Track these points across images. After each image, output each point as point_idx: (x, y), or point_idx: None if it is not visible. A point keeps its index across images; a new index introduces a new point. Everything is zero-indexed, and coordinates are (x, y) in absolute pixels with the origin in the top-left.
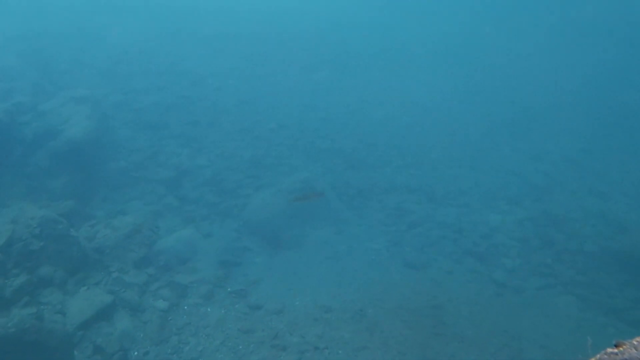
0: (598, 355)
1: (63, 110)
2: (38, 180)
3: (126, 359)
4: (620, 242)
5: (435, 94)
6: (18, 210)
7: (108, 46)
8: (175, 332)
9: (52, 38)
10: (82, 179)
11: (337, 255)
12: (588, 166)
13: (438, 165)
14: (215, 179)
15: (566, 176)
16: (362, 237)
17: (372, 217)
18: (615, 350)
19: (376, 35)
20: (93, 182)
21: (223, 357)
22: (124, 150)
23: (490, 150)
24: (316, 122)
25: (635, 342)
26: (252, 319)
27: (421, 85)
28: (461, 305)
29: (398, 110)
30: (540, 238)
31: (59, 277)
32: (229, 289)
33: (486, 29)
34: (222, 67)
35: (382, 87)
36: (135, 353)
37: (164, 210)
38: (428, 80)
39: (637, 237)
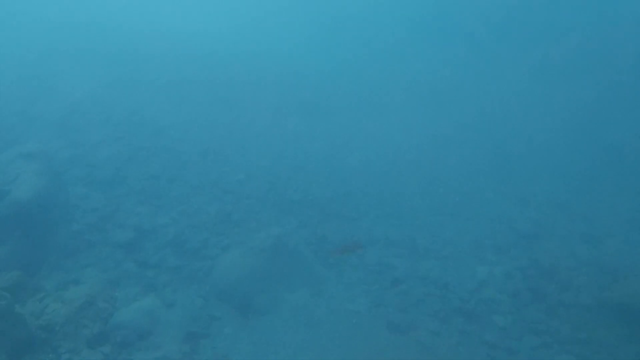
0: None
1: (10, 168)
2: None
3: None
4: (616, 291)
5: (413, 137)
6: None
7: (60, 96)
8: None
9: None
10: (29, 246)
11: (315, 321)
12: (576, 210)
13: (419, 213)
14: (179, 239)
15: (554, 221)
16: (342, 298)
17: (351, 274)
18: None
19: (350, 77)
20: (42, 248)
21: None
22: (77, 211)
23: (473, 196)
24: (287, 171)
25: None
26: None
27: (398, 128)
28: None
29: (374, 155)
30: (532, 291)
31: None
32: None
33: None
34: (185, 116)
35: (356, 131)
36: None
37: (121, 277)
38: (405, 123)
39: (634, 285)
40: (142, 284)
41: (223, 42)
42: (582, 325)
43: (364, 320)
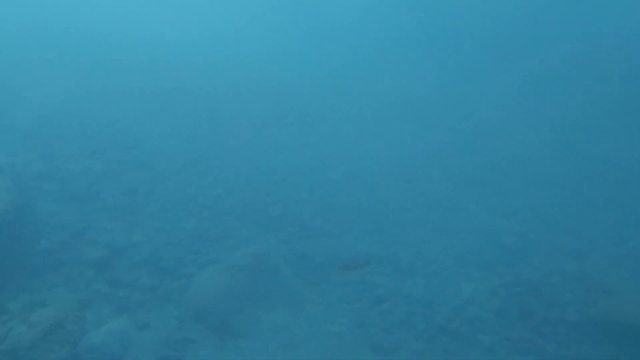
0: None
1: None
2: None
3: None
4: (603, 307)
5: (397, 150)
6: None
7: (31, 106)
8: None
9: None
10: None
11: (294, 343)
12: (562, 224)
13: (403, 229)
14: (153, 257)
15: (540, 236)
16: (323, 319)
17: (333, 293)
18: None
19: (333, 89)
20: (7, 268)
21: None
22: (47, 228)
23: (459, 211)
24: (268, 186)
25: None
26: None
27: (383, 141)
28: None
29: (358, 169)
30: (518, 308)
31: None
32: None
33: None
34: (162, 127)
35: (340, 144)
36: None
37: (92, 298)
38: (390, 136)
39: (620, 301)
40: (113, 305)
41: (202, 51)
42: (568, 343)
43: (346, 341)
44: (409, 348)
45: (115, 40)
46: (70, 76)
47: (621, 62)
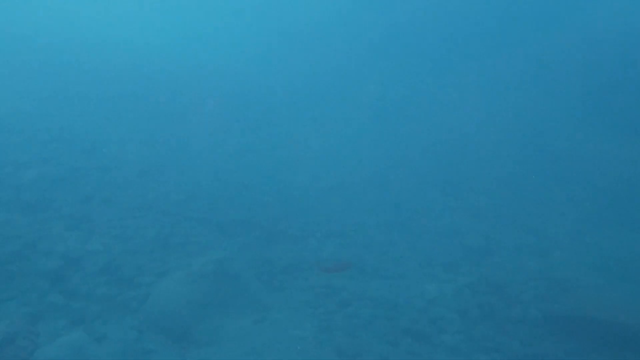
0: None
1: None
2: None
3: None
4: (563, 304)
5: (362, 153)
6: None
7: None
8: None
9: None
10: None
11: (258, 350)
12: (524, 222)
13: (368, 231)
14: (111, 266)
15: (503, 235)
16: (287, 324)
17: (297, 298)
18: None
19: (298, 92)
20: None
21: None
22: None
23: (423, 212)
24: (231, 190)
25: None
26: None
27: (348, 144)
28: None
29: (323, 173)
30: (481, 308)
31: None
32: None
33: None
34: (121, 132)
35: (304, 148)
36: None
37: (46, 310)
38: (355, 139)
39: (579, 296)
40: (68, 317)
41: (162, 53)
42: (530, 340)
43: (310, 346)
44: (373, 351)
45: (71, 43)
46: (23, 80)
47: (580, 61)
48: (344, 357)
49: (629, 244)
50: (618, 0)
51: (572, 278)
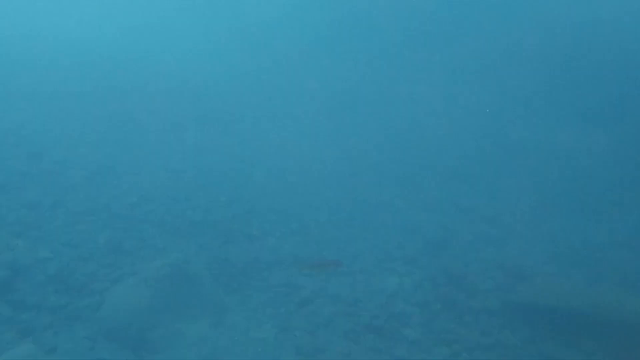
0: None
1: None
2: None
3: None
4: (520, 292)
5: (320, 148)
6: None
7: None
8: None
9: None
10: None
11: (216, 353)
12: (481, 212)
13: (327, 228)
14: (62, 274)
15: (461, 226)
16: (246, 326)
17: (256, 299)
18: None
19: (252, 86)
20: None
21: None
22: None
23: (382, 206)
24: (186, 190)
25: None
26: None
27: (305, 140)
28: None
29: (280, 169)
30: (441, 300)
31: None
32: None
33: None
34: (70, 133)
35: (261, 144)
36: None
37: None
38: (312, 134)
39: (535, 284)
40: (17, 329)
41: (114, 49)
42: (488, 330)
43: (270, 347)
44: (334, 349)
45: (16, 37)
46: None
47: (534, 52)
48: (304, 356)
49: (582, 232)
50: None
51: (529, 267)
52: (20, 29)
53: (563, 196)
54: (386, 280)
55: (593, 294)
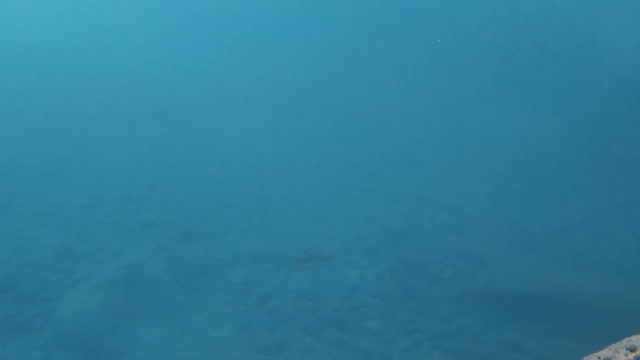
0: None
1: None
2: None
3: None
4: (479, 279)
5: (276, 141)
6: None
7: None
8: None
9: None
10: None
11: (175, 356)
12: (441, 201)
13: (286, 222)
14: (10, 282)
15: (420, 215)
16: (205, 326)
17: (215, 298)
18: None
19: (204, 78)
20: None
21: None
22: None
23: (341, 198)
24: (141, 190)
25: None
26: None
27: (261, 132)
28: None
29: (237, 164)
30: (403, 290)
31: None
32: None
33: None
34: (17, 134)
35: (217, 139)
36: None
37: None
38: (268, 127)
39: (495, 270)
40: None
41: (55, 41)
42: (450, 318)
43: (230, 346)
44: (296, 345)
45: None
46: None
47: (490, 40)
48: (265, 354)
49: (539, 217)
50: None
51: (488, 253)
52: None
53: (520, 182)
54: (347, 272)
55: (551, 277)
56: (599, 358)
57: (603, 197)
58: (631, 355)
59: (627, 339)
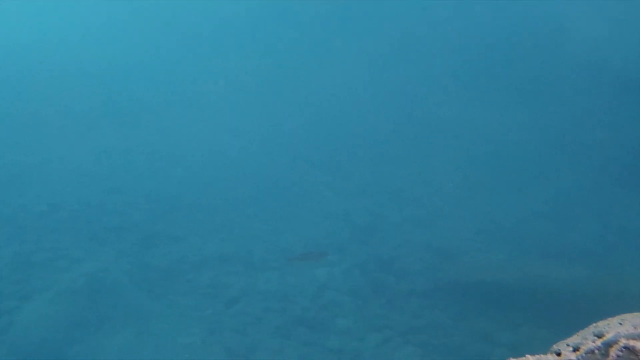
0: None
1: None
2: None
3: None
4: (448, 272)
5: (240, 138)
6: None
7: None
8: None
9: None
10: None
11: None
12: (408, 195)
13: (253, 222)
14: None
15: (388, 209)
16: (172, 333)
17: (181, 303)
18: None
19: (162, 74)
20: None
21: None
22: None
23: (308, 194)
24: (100, 194)
25: None
26: None
27: (224, 130)
28: None
29: (200, 164)
30: (372, 286)
31: None
32: None
33: None
34: None
35: (179, 138)
36: None
37: None
38: (231, 123)
39: (463, 262)
40: None
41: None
42: (420, 312)
43: (199, 352)
44: (266, 347)
45: None
46: None
47: (453, 32)
48: (235, 357)
49: (507, 207)
50: None
51: (456, 245)
52: None
53: (487, 173)
54: (315, 271)
55: (518, 267)
56: (567, 345)
57: (567, 185)
58: (599, 342)
59: (594, 324)
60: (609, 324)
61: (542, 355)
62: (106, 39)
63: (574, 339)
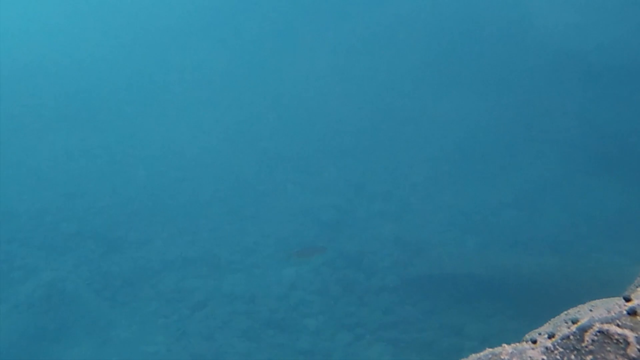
0: None
1: None
2: None
3: None
4: (417, 266)
5: (203, 136)
6: None
7: None
8: None
9: None
10: None
11: None
12: (374, 189)
13: (218, 222)
14: None
15: (355, 205)
16: (136, 341)
17: (145, 309)
18: None
19: (127, 77)
20: None
21: None
22: None
23: (273, 192)
24: (58, 200)
25: None
26: None
27: (186, 128)
28: None
29: (162, 165)
30: (341, 284)
31: None
32: None
33: None
34: None
35: (140, 139)
36: None
37: None
38: (193, 121)
39: (432, 255)
40: None
41: None
42: (390, 309)
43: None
44: (233, 351)
45: None
46: None
47: (421, 25)
48: None
49: (474, 198)
50: None
51: (425, 238)
52: None
53: (454, 165)
54: (282, 270)
55: (487, 258)
56: (540, 334)
57: (535, 175)
58: (573, 327)
59: (565, 312)
60: (579, 311)
61: (518, 344)
62: (64, 36)
63: (545, 328)
